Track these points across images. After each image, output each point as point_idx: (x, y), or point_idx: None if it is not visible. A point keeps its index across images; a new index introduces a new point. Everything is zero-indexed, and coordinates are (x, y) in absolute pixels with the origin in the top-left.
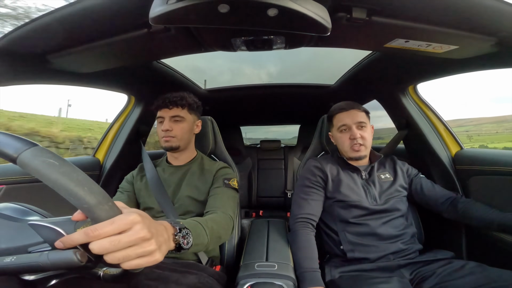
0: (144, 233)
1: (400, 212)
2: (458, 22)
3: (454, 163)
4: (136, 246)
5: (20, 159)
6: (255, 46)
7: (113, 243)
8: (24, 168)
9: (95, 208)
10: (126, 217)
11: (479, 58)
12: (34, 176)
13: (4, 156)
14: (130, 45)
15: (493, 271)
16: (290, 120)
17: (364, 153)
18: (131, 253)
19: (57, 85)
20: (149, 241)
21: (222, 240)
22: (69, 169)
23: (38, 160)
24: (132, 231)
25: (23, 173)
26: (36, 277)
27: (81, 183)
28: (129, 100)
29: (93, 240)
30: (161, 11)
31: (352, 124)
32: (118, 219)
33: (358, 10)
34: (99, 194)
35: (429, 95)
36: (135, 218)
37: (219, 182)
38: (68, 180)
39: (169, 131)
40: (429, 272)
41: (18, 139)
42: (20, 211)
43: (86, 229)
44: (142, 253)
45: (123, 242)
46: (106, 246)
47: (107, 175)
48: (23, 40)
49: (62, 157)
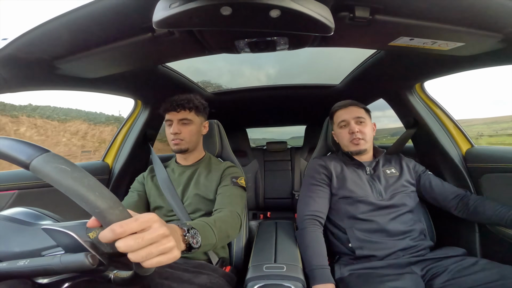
0: (163, 230)
1: (407, 207)
2: (463, 19)
3: (465, 161)
4: (157, 243)
5: (32, 165)
6: (259, 47)
7: (137, 240)
8: (37, 174)
9: (106, 213)
10: (146, 216)
11: (485, 54)
12: (46, 181)
13: (17, 162)
14: (135, 49)
15: (505, 268)
16: (296, 121)
17: (364, 147)
18: (153, 250)
19: (64, 90)
20: (168, 237)
21: (230, 238)
22: (80, 174)
23: (50, 166)
24: (153, 228)
25: (35, 178)
26: (49, 280)
27: (92, 188)
28: (135, 104)
29: (119, 237)
30: (164, 15)
31: (351, 119)
32: (140, 217)
33: (361, 9)
34: (110, 199)
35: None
36: (154, 216)
37: (227, 181)
38: (80, 186)
39: (178, 134)
40: (441, 269)
41: (30, 146)
42: (32, 216)
43: (111, 226)
44: (163, 250)
45: (146, 239)
46: (131, 244)
47: (116, 179)
48: (30, 46)
49: (73, 163)
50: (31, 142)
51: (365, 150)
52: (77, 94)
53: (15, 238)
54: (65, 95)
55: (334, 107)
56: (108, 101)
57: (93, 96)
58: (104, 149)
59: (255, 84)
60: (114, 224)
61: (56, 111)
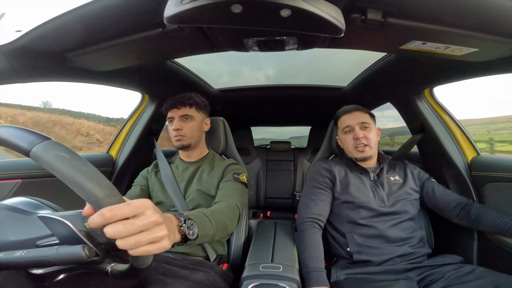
0: (156, 217)
1: (409, 215)
2: (478, 24)
3: (470, 169)
4: (148, 231)
5: (33, 152)
6: (268, 46)
7: (126, 226)
8: (37, 161)
9: (102, 201)
10: (139, 201)
11: (499, 61)
12: (46, 169)
13: (18, 148)
14: (145, 44)
15: (501, 276)
16: (301, 121)
17: (369, 154)
18: (143, 238)
19: (74, 82)
20: (160, 225)
21: (229, 230)
22: (79, 162)
23: (50, 154)
24: (145, 215)
25: (38, 168)
26: (44, 271)
27: (90, 176)
28: (142, 98)
29: (109, 221)
30: (175, 11)
31: (355, 124)
32: (133, 202)
33: (373, 11)
34: (107, 187)
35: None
36: (147, 202)
37: (229, 176)
38: (78, 173)
39: (180, 130)
40: (438, 276)
41: (32, 133)
42: (31, 205)
43: (101, 210)
44: (153, 238)
45: (136, 225)
46: (120, 229)
47: (119, 172)
48: (43, 38)
49: (74, 151)
50: (32, 130)
51: (370, 156)
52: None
53: (12, 226)
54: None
55: (338, 112)
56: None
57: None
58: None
59: (255, 83)
60: (104, 208)
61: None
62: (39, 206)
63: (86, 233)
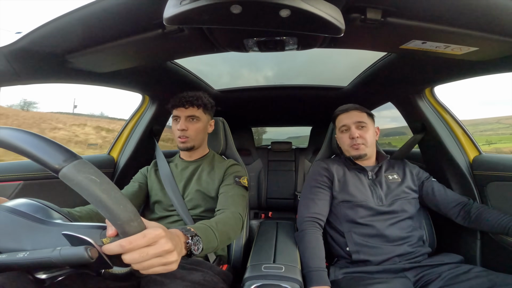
0: (169, 246)
1: (407, 213)
2: (478, 23)
3: (471, 168)
4: (160, 257)
5: (63, 172)
6: (267, 47)
7: (142, 255)
8: (66, 181)
9: (126, 224)
10: (154, 232)
11: (500, 60)
12: (74, 189)
13: (47, 166)
14: (145, 45)
15: (499, 275)
16: (301, 121)
17: (364, 152)
18: (154, 263)
19: (75, 84)
20: (172, 253)
21: (231, 240)
22: (108, 186)
23: (81, 176)
24: (158, 244)
25: (40, 169)
26: (47, 276)
27: (118, 201)
28: (143, 99)
29: (127, 252)
30: (174, 12)
31: (351, 124)
32: (148, 234)
33: (372, 11)
34: (131, 211)
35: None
36: (161, 233)
37: (230, 179)
38: (108, 198)
39: (185, 131)
40: (434, 275)
41: (62, 150)
42: (43, 211)
43: (121, 242)
44: (164, 263)
45: (151, 254)
46: (136, 257)
47: (121, 173)
48: (43, 39)
49: (102, 173)
50: (61, 145)
51: (365, 155)
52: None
53: (27, 236)
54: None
55: (336, 111)
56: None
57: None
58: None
59: (254, 84)
60: (122, 240)
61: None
62: (49, 212)
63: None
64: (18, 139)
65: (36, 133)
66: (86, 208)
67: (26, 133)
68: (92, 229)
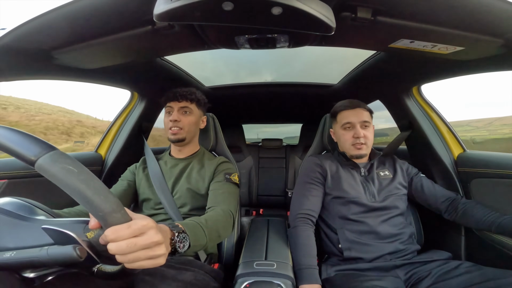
0: (158, 237)
1: (399, 210)
2: (464, 23)
3: (456, 165)
4: (149, 249)
5: (38, 163)
6: (259, 44)
7: (129, 245)
8: (42, 173)
9: (108, 216)
10: (141, 222)
11: (485, 59)
12: (51, 180)
13: (22, 158)
14: (134, 41)
15: (488, 270)
16: (292, 119)
17: (365, 152)
18: (141, 255)
19: (61, 80)
20: (160, 245)
21: (222, 237)
22: (87, 176)
23: (58, 166)
24: (147, 235)
25: (26, 168)
26: (36, 275)
27: (98, 191)
28: (132, 96)
29: (112, 241)
30: (165, 8)
31: (357, 122)
32: (134, 224)
33: (363, 9)
34: (113, 202)
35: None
36: (149, 223)
37: (220, 177)
38: (87, 188)
39: (177, 122)
40: (425, 273)
41: (38, 142)
42: (26, 209)
43: (105, 231)
44: (151, 256)
45: (139, 245)
46: (123, 248)
47: (108, 171)
48: (28, 36)
49: (80, 163)
50: (37, 137)
51: (366, 154)
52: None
53: (9, 233)
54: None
55: (339, 106)
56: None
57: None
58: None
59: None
60: (107, 230)
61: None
62: (33, 210)
63: (88, 243)
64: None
65: (10, 127)
66: (76, 209)
67: (1, 127)
68: (75, 224)
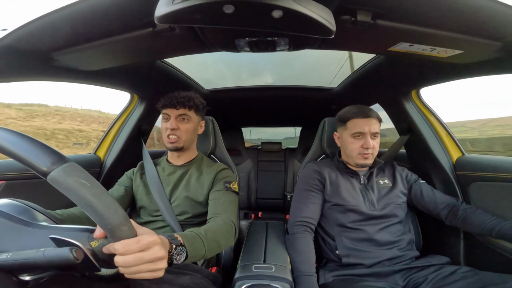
0: (162, 253)
1: (398, 218)
2: (463, 26)
3: (455, 169)
4: (151, 263)
5: (52, 176)
6: (259, 47)
7: (136, 259)
8: (54, 185)
9: (116, 229)
10: (148, 238)
11: (484, 63)
12: (63, 193)
13: (34, 168)
14: (134, 44)
15: (486, 275)
16: (291, 122)
17: (370, 162)
18: (143, 268)
19: (61, 82)
20: (163, 260)
21: (222, 248)
22: (99, 191)
23: (71, 180)
24: (152, 250)
25: (22, 169)
26: (31, 278)
27: (108, 206)
28: (131, 98)
29: (119, 255)
30: (166, 11)
31: (369, 133)
32: (142, 239)
33: (363, 13)
34: (122, 216)
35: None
36: (156, 239)
37: (220, 185)
38: (98, 203)
39: (175, 130)
40: (421, 278)
41: (51, 153)
42: (27, 213)
43: (114, 245)
44: (153, 269)
45: (144, 259)
46: (129, 261)
47: (107, 173)
48: (29, 37)
49: (92, 177)
50: (49, 147)
51: (370, 164)
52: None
53: (12, 238)
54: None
55: (351, 112)
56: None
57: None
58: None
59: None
60: (117, 244)
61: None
62: (33, 214)
63: (92, 251)
64: (5, 140)
65: (24, 134)
66: (68, 212)
67: (13, 134)
68: (79, 232)
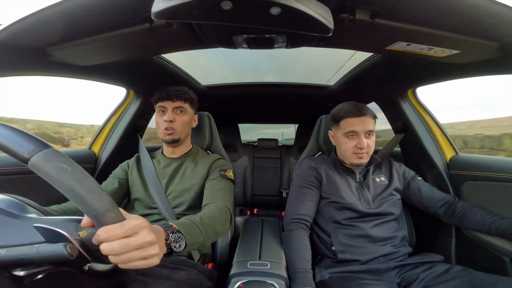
0: (151, 237)
1: (393, 215)
2: (461, 26)
3: (448, 168)
4: (142, 249)
5: (32, 161)
6: (256, 44)
7: (122, 245)
8: (35, 171)
9: (101, 215)
10: (133, 222)
11: (481, 63)
12: (45, 179)
13: (15, 155)
14: (131, 39)
15: (477, 275)
16: (288, 119)
17: (365, 161)
18: (135, 256)
19: (56, 77)
20: (154, 245)
21: (220, 234)
22: (81, 175)
23: (51, 165)
24: (140, 235)
25: (13, 164)
26: (26, 273)
27: (92, 191)
28: (127, 94)
29: (104, 241)
30: (164, 6)
31: (362, 132)
32: (127, 223)
33: (361, 11)
34: (107, 201)
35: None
36: (142, 223)
37: (216, 174)
38: (81, 187)
39: (172, 122)
40: (413, 276)
41: (31, 139)
42: (17, 206)
43: (98, 231)
44: (145, 256)
45: (132, 245)
46: (116, 248)
47: (102, 168)
48: (24, 32)
49: (74, 162)
50: (30, 134)
51: (366, 163)
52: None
53: (2, 231)
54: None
55: (343, 111)
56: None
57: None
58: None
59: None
60: (100, 229)
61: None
62: (23, 207)
63: (80, 241)
64: None
65: (3, 123)
66: (63, 207)
67: None
68: (67, 222)
